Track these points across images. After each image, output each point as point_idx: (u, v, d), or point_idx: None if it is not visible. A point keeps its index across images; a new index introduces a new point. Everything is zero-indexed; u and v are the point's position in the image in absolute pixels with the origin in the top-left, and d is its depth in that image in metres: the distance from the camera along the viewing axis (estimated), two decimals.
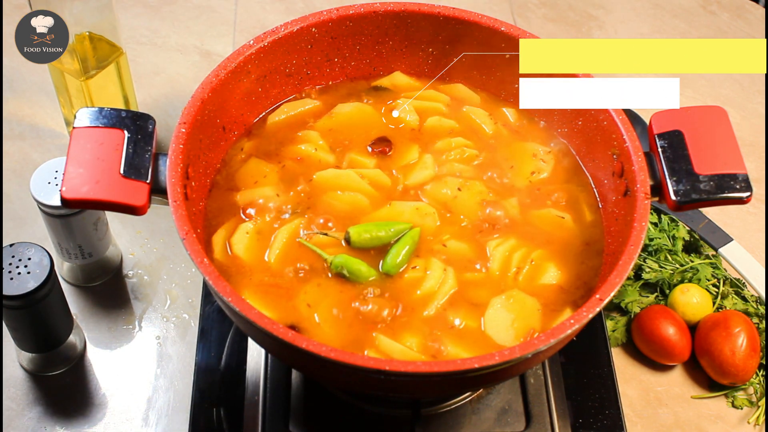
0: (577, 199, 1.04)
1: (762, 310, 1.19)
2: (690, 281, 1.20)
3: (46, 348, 1.10)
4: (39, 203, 1.09)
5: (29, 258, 1.01)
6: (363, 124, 1.10)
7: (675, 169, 0.94)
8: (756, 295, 1.21)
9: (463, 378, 0.85)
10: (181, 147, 0.93)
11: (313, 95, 1.13)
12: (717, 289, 1.20)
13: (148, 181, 0.90)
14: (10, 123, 1.39)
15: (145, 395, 1.13)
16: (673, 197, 0.93)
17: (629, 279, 1.22)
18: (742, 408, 1.15)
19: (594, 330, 1.16)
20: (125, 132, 0.92)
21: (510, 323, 0.93)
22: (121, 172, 0.89)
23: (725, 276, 1.22)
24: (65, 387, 1.14)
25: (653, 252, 1.23)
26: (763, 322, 1.18)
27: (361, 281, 0.95)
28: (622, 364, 1.18)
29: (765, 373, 1.16)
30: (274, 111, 1.10)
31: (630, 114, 1.31)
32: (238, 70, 1.02)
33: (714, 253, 1.23)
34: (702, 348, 1.15)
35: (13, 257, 1.01)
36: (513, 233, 1.00)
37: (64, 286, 1.19)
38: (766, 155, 1.42)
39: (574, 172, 1.07)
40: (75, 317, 1.16)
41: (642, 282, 1.22)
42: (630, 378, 1.17)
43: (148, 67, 1.48)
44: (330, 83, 1.13)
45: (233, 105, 1.05)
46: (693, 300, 1.18)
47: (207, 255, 0.87)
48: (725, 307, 1.19)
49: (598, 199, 1.04)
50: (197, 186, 0.99)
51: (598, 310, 0.85)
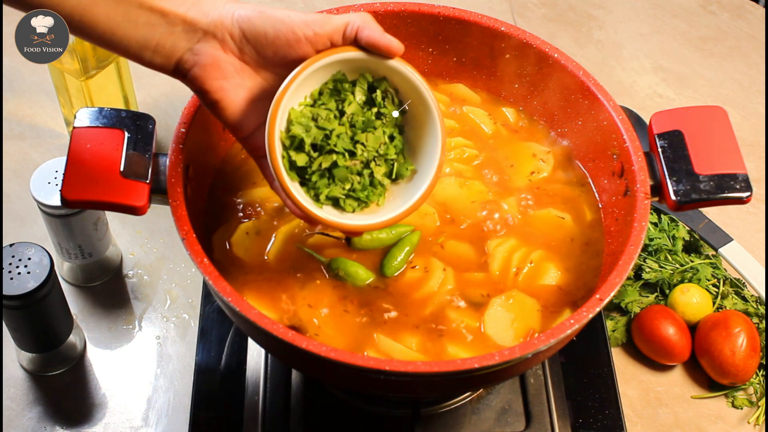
0: (577, 199, 1.04)
1: (762, 310, 1.19)
2: (690, 281, 1.20)
3: (46, 348, 1.10)
4: (39, 203, 1.09)
5: (29, 258, 1.01)
6: None
7: (675, 169, 0.94)
8: (756, 295, 1.21)
9: (463, 378, 0.85)
10: (181, 147, 0.93)
11: None
12: (717, 289, 1.20)
13: (148, 181, 0.90)
14: (10, 123, 1.39)
15: (145, 395, 1.13)
16: (673, 197, 0.93)
17: (629, 279, 1.22)
18: (742, 408, 1.15)
19: (594, 330, 1.16)
20: (125, 132, 0.92)
21: (510, 323, 0.93)
22: (121, 172, 0.89)
23: (725, 276, 1.22)
24: (65, 387, 1.14)
25: (653, 252, 1.23)
26: (763, 322, 1.18)
27: (359, 283, 0.95)
28: (622, 364, 1.18)
29: (765, 373, 1.16)
30: None
31: (630, 114, 1.31)
32: None
33: (714, 253, 1.23)
34: (702, 348, 1.15)
35: (13, 257, 1.01)
36: (513, 233, 1.00)
37: (64, 286, 1.19)
38: (766, 155, 1.42)
39: (573, 172, 1.07)
40: (75, 317, 1.16)
41: (642, 282, 1.22)
42: (630, 378, 1.17)
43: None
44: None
45: None
46: (693, 300, 1.18)
47: (207, 255, 0.87)
48: (725, 307, 1.19)
49: (598, 199, 1.04)
50: (197, 186, 0.98)
51: (598, 310, 0.85)
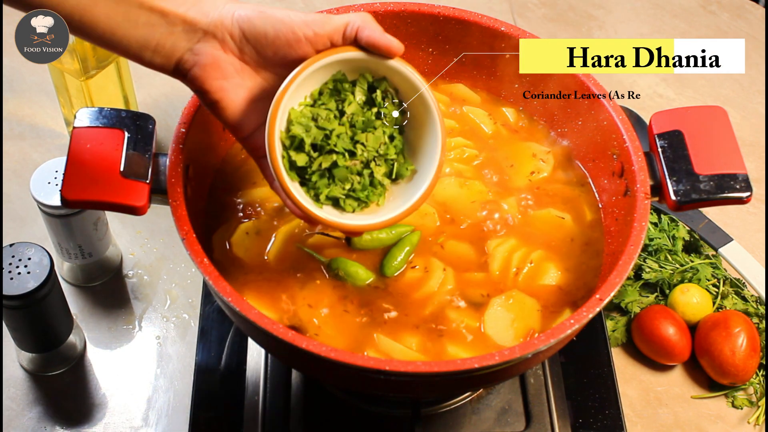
0: (577, 199, 1.04)
1: (762, 310, 1.19)
2: (690, 281, 1.20)
3: (46, 348, 1.10)
4: (39, 203, 1.09)
5: (29, 258, 1.01)
6: None
7: (675, 169, 0.94)
8: (756, 295, 1.20)
9: (463, 378, 0.85)
10: (181, 147, 0.93)
11: None
12: (717, 289, 1.20)
13: (148, 181, 0.90)
14: (10, 123, 1.39)
15: (145, 395, 1.13)
16: (673, 197, 0.93)
17: (629, 279, 1.22)
18: (742, 408, 1.14)
19: (594, 330, 1.16)
20: (125, 132, 0.92)
21: (510, 323, 0.93)
22: (121, 172, 0.89)
23: (725, 276, 1.22)
24: (65, 387, 1.14)
25: (653, 252, 1.23)
26: (763, 322, 1.18)
27: (359, 283, 0.95)
28: (622, 364, 1.18)
29: (765, 373, 1.16)
30: None
31: (630, 114, 1.31)
32: None
33: (714, 253, 1.23)
34: (702, 348, 1.15)
35: (13, 257, 1.01)
36: (513, 233, 1.00)
37: (64, 286, 1.19)
38: (766, 155, 1.42)
39: (573, 171, 1.07)
40: (75, 317, 1.16)
41: (642, 282, 1.22)
42: (630, 378, 1.17)
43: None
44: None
45: None
46: (693, 300, 1.18)
47: (207, 255, 0.87)
48: (725, 307, 1.19)
49: (598, 199, 1.04)
50: (197, 186, 0.98)
51: (598, 310, 0.85)
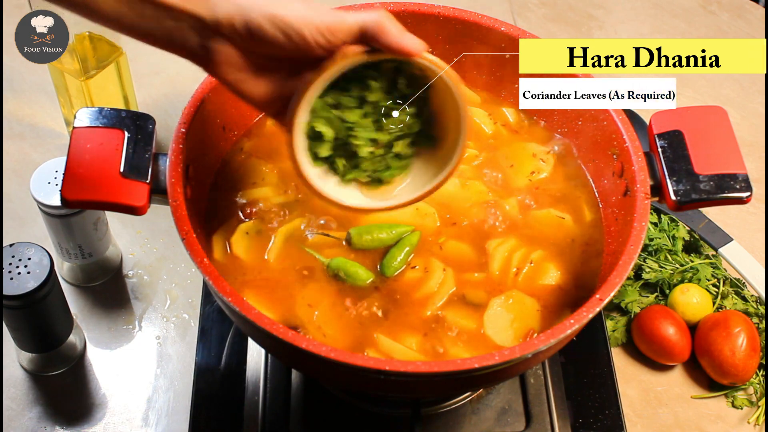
0: (577, 199, 1.04)
1: (762, 310, 1.19)
2: (690, 281, 1.20)
3: (46, 348, 1.10)
4: (39, 203, 1.09)
5: (29, 258, 1.01)
6: None
7: (675, 169, 0.94)
8: (756, 295, 1.20)
9: (463, 378, 0.85)
10: (181, 147, 0.93)
11: None
12: (717, 289, 1.20)
13: (148, 181, 0.90)
14: (10, 123, 1.39)
15: (145, 395, 1.13)
16: (673, 197, 0.93)
17: (629, 279, 1.22)
18: (742, 408, 1.14)
19: (594, 330, 1.16)
20: (125, 132, 0.92)
21: (509, 323, 0.93)
22: (121, 172, 0.89)
23: (725, 276, 1.22)
24: (65, 387, 1.14)
25: (653, 252, 1.23)
26: (763, 322, 1.18)
27: (359, 284, 0.95)
28: (622, 364, 1.18)
29: (765, 373, 1.15)
30: None
31: (630, 114, 1.31)
32: None
33: (714, 253, 1.23)
34: (702, 348, 1.15)
35: (13, 257, 1.01)
36: (513, 233, 1.00)
37: (64, 286, 1.19)
38: (766, 155, 1.42)
39: (574, 172, 1.07)
40: (75, 317, 1.16)
41: (642, 282, 1.22)
42: (630, 378, 1.17)
43: (148, 67, 1.48)
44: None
45: (233, 105, 1.04)
46: (693, 300, 1.18)
47: (207, 255, 0.87)
48: (725, 307, 1.19)
49: (598, 199, 1.04)
50: (197, 186, 0.98)
51: (598, 310, 0.85)
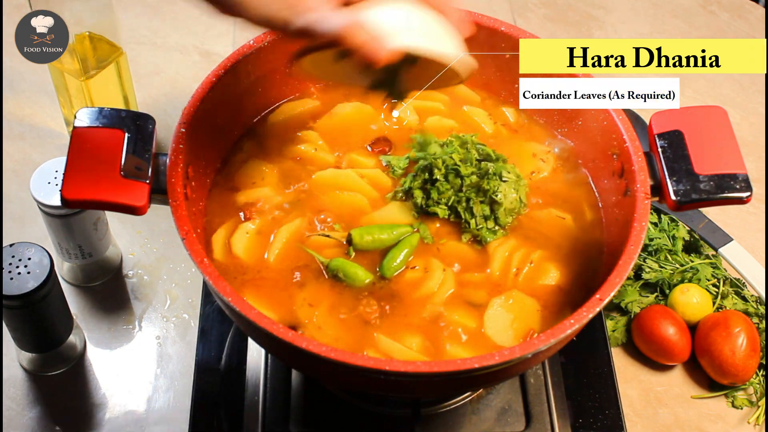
0: (577, 199, 1.04)
1: (762, 310, 1.19)
2: (690, 281, 1.20)
3: (46, 348, 1.10)
4: (39, 203, 1.09)
5: (29, 258, 1.01)
6: (363, 123, 1.10)
7: (675, 169, 0.94)
8: (756, 295, 1.20)
9: (463, 378, 0.85)
10: (181, 147, 0.93)
11: (313, 95, 1.13)
12: (717, 289, 1.20)
13: (148, 181, 0.90)
14: (10, 123, 1.39)
15: (145, 395, 1.13)
16: (673, 197, 0.93)
17: (629, 279, 1.22)
18: (742, 408, 1.14)
19: (594, 330, 1.16)
20: (125, 132, 0.92)
21: (510, 324, 0.93)
22: (121, 172, 0.89)
23: (725, 276, 1.22)
24: (65, 387, 1.14)
25: (653, 252, 1.23)
26: (763, 322, 1.18)
27: (358, 284, 0.95)
28: (622, 364, 1.18)
29: (765, 373, 1.15)
30: (274, 111, 1.10)
31: (630, 114, 1.31)
32: (238, 69, 1.02)
33: (714, 253, 1.23)
34: (702, 348, 1.15)
35: (13, 257, 1.01)
36: (513, 233, 1.00)
37: (64, 286, 1.19)
38: (766, 155, 1.42)
39: (574, 171, 1.07)
40: (75, 317, 1.16)
41: (642, 282, 1.22)
42: (630, 378, 1.17)
43: (148, 67, 1.48)
44: (330, 83, 1.13)
45: (233, 105, 1.05)
46: (693, 300, 1.18)
47: (207, 255, 0.87)
48: (725, 307, 1.19)
49: (598, 199, 1.04)
50: (197, 186, 0.98)
51: (598, 310, 0.85)
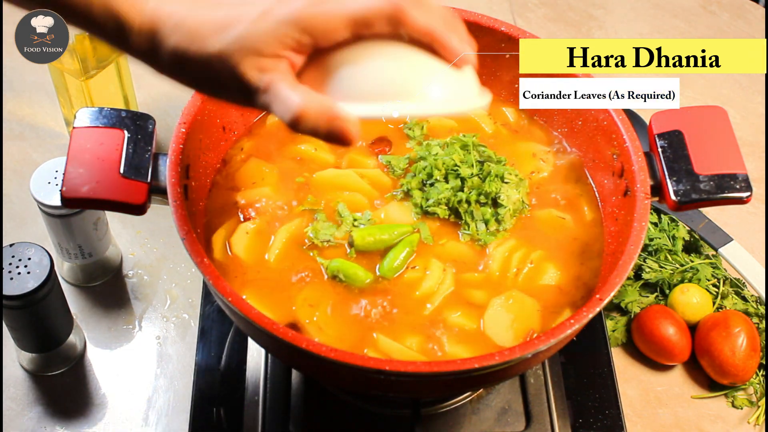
0: (577, 199, 1.04)
1: (762, 310, 1.19)
2: (690, 281, 1.20)
3: (46, 348, 1.10)
4: (39, 203, 1.09)
5: (29, 258, 1.01)
6: (363, 123, 1.09)
7: (675, 169, 0.94)
8: (756, 295, 1.20)
9: (463, 378, 0.85)
10: (181, 147, 0.93)
11: None
12: (717, 289, 1.20)
13: (148, 181, 0.90)
14: (10, 123, 1.39)
15: (145, 395, 1.13)
16: (673, 197, 0.93)
17: (629, 279, 1.22)
18: (742, 408, 1.14)
19: (594, 330, 1.16)
20: (125, 132, 0.92)
21: (509, 324, 0.93)
22: (121, 172, 0.89)
23: (725, 276, 1.22)
24: (65, 387, 1.14)
25: (653, 252, 1.23)
26: (763, 322, 1.18)
27: (358, 285, 0.95)
28: (622, 364, 1.18)
29: (765, 373, 1.16)
30: None
31: (630, 114, 1.31)
32: None
33: (714, 253, 1.23)
34: (702, 348, 1.15)
35: (13, 257, 1.01)
36: (513, 233, 1.00)
37: (64, 286, 1.19)
38: (766, 155, 1.42)
39: (574, 172, 1.07)
40: (75, 317, 1.16)
41: (642, 282, 1.22)
42: (630, 378, 1.17)
43: (148, 67, 1.47)
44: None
45: (233, 105, 1.04)
46: (693, 300, 1.18)
47: (207, 255, 0.87)
48: (725, 307, 1.19)
49: (598, 199, 1.04)
50: (197, 186, 0.98)
51: (598, 310, 0.85)
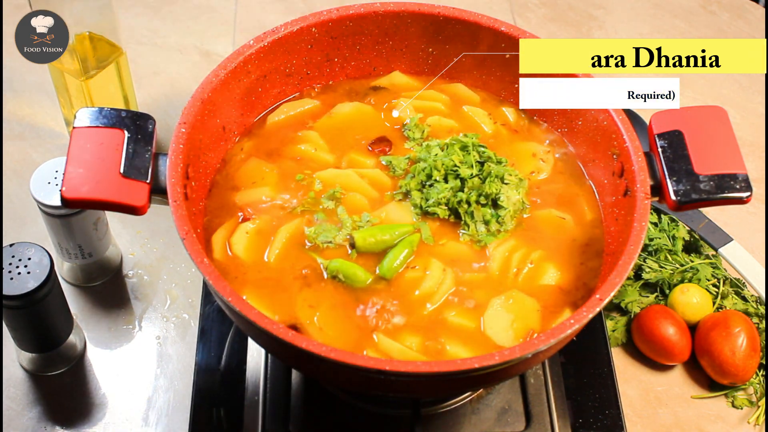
0: (577, 199, 1.04)
1: (762, 310, 1.19)
2: (690, 281, 1.20)
3: (46, 348, 1.10)
4: (39, 203, 1.09)
5: (29, 258, 1.01)
6: (363, 123, 1.10)
7: (675, 169, 0.94)
8: (756, 295, 1.20)
9: (463, 378, 0.85)
10: (181, 147, 0.93)
11: (313, 95, 1.13)
12: (717, 289, 1.20)
13: (148, 181, 0.90)
14: (10, 123, 1.39)
15: (145, 395, 1.13)
16: (673, 197, 0.93)
17: (629, 279, 1.22)
18: (742, 408, 1.14)
19: (594, 330, 1.16)
20: (125, 132, 0.92)
21: (509, 324, 0.93)
22: (121, 172, 0.89)
23: (725, 276, 1.22)
24: (65, 387, 1.14)
25: (653, 252, 1.23)
26: (763, 322, 1.18)
27: (358, 285, 0.95)
28: (622, 364, 1.18)
29: (765, 373, 1.16)
30: (274, 111, 1.10)
31: (630, 114, 1.31)
32: (238, 70, 1.02)
33: (714, 253, 1.23)
34: (702, 348, 1.15)
35: (13, 257, 1.01)
36: (513, 233, 1.00)
37: (64, 286, 1.19)
38: (766, 155, 1.42)
39: (574, 172, 1.07)
40: (75, 317, 1.16)
41: (642, 282, 1.22)
42: (630, 378, 1.17)
43: (148, 67, 1.48)
44: (330, 83, 1.13)
45: (233, 105, 1.05)
46: (693, 300, 1.18)
47: (207, 255, 0.87)
48: (725, 307, 1.19)
49: (598, 199, 1.04)
50: (197, 186, 0.98)
51: (598, 310, 0.85)
